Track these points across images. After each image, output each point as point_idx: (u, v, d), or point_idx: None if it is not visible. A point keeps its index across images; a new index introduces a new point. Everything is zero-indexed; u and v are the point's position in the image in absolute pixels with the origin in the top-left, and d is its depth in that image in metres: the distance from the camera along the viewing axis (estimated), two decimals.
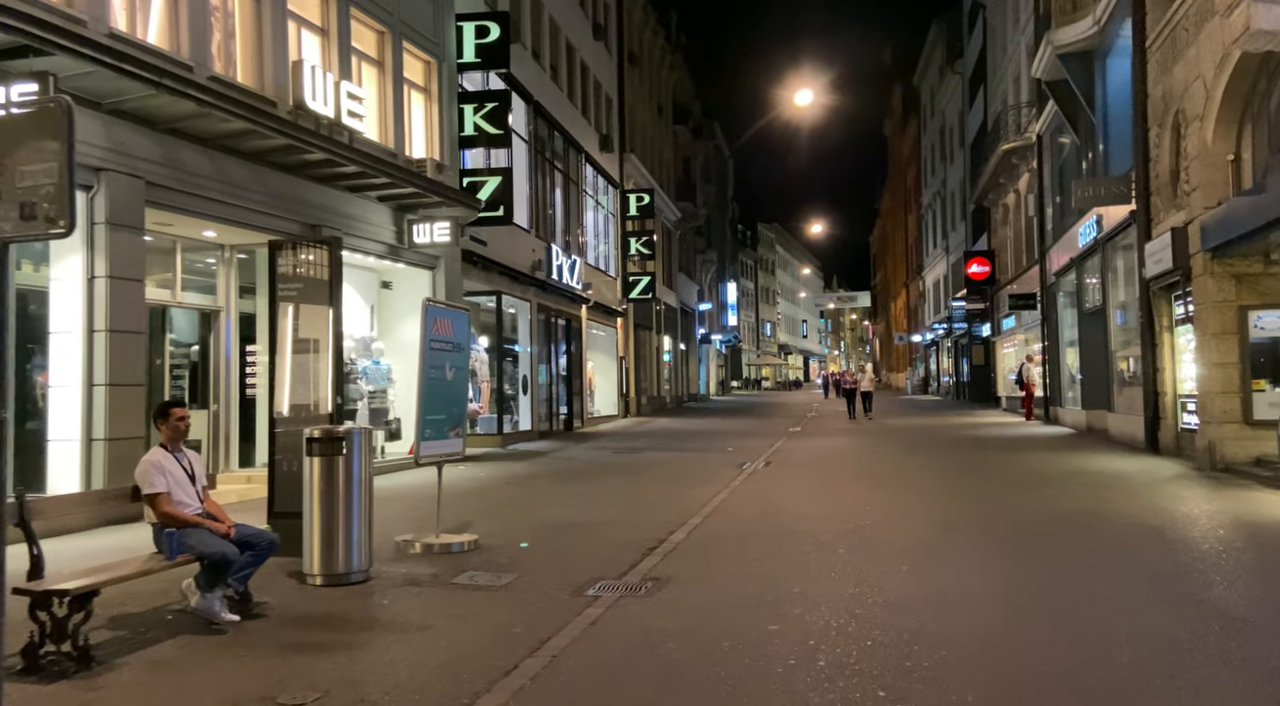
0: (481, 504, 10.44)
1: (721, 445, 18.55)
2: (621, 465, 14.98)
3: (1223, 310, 11.18)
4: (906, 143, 61.00)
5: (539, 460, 15.74)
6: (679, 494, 11.12)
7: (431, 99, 14.90)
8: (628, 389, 30.03)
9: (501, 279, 18.52)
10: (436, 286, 14.91)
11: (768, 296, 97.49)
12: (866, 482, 11.75)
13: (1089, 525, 8.06)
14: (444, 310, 7.98)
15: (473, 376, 19.18)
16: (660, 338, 36.17)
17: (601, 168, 27.48)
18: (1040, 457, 14.35)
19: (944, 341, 47.90)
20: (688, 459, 16.11)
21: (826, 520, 8.77)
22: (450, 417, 7.99)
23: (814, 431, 22.55)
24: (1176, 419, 13.16)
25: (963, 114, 39.65)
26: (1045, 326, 23.43)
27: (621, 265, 29.85)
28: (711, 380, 55.27)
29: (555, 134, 22.81)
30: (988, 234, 33.38)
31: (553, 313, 22.30)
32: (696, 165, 45.98)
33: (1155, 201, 13.33)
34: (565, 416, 23.39)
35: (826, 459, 15.19)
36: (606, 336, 28.81)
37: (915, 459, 15.06)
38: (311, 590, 6.21)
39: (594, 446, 18.67)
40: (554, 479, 13.11)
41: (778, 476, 12.87)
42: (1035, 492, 10.39)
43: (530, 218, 20.55)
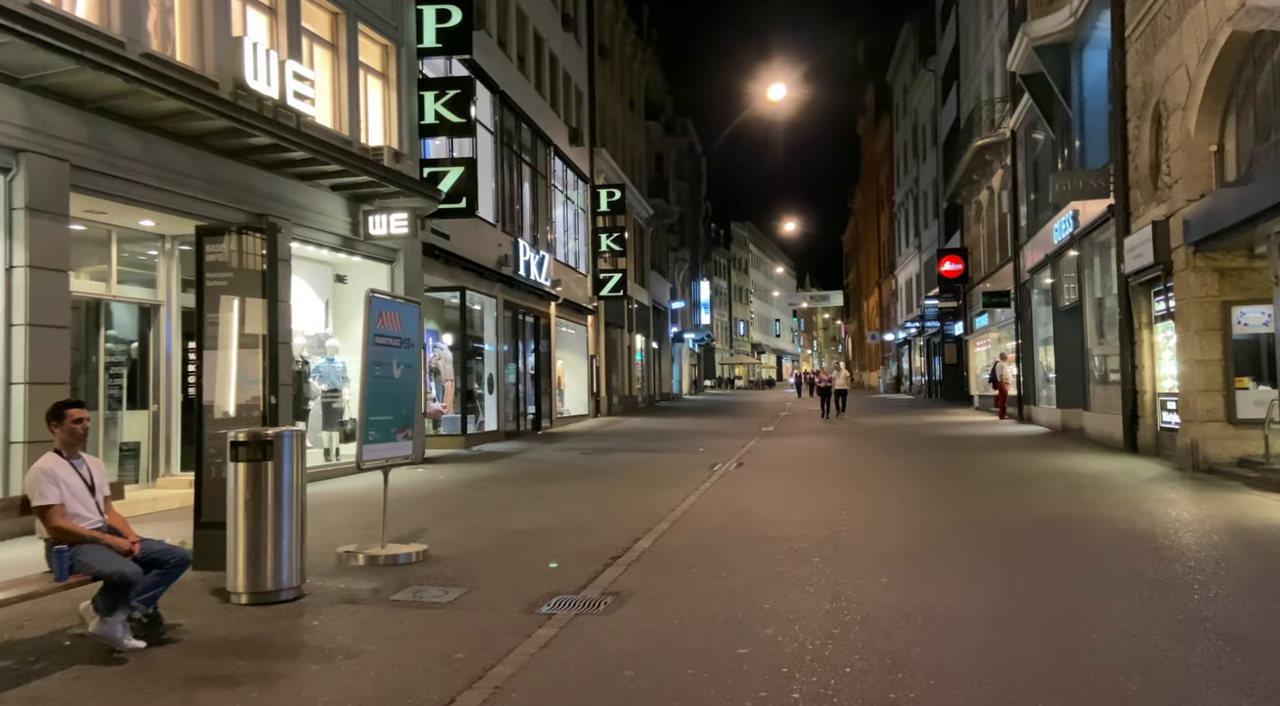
0: (437, 509, 9.87)
1: (693, 445, 18.08)
2: (588, 467, 14.45)
3: (1205, 306, 10.87)
4: (879, 141, 60.97)
5: (503, 462, 15.17)
6: (647, 497, 10.62)
7: (390, 85, 14.27)
8: (598, 388, 29.49)
9: (466, 274, 17.91)
10: (395, 280, 14.29)
11: (741, 295, 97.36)
12: (842, 484, 11.32)
13: (1075, 531, 7.66)
14: (391, 303, 7.41)
15: (436, 375, 18.57)
16: (632, 336, 35.66)
17: (571, 162, 26.91)
18: (1017, 457, 14.01)
19: (916, 340, 47.84)
20: (657, 460, 15.62)
21: (800, 525, 8.31)
22: (398, 419, 7.42)
23: (787, 431, 22.15)
24: (1156, 418, 12.86)
25: (935, 111, 39.52)
26: (1019, 324, 23.20)
27: (592, 262, 29.30)
28: (684, 379, 54.85)
29: (522, 126, 22.22)
30: (960, 232, 33.22)
31: (520, 309, 21.71)
32: (669, 162, 45.52)
33: (1135, 195, 13.02)
34: (533, 416, 22.80)
35: (801, 459, 14.77)
36: (576, 334, 28.26)
37: (891, 459, 14.67)
38: (235, 610, 5.62)
39: (562, 447, 18.12)
40: (517, 481, 12.55)
41: (750, 478, 12.42)
42: (1015, 494, 10.00)
43: (496, 211, 19.96)
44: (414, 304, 7.77)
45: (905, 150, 49.73)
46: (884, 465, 13.69)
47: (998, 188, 26.26)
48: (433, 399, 18.54)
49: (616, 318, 32.63)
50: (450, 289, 17.90)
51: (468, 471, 13.54)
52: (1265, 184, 8.86)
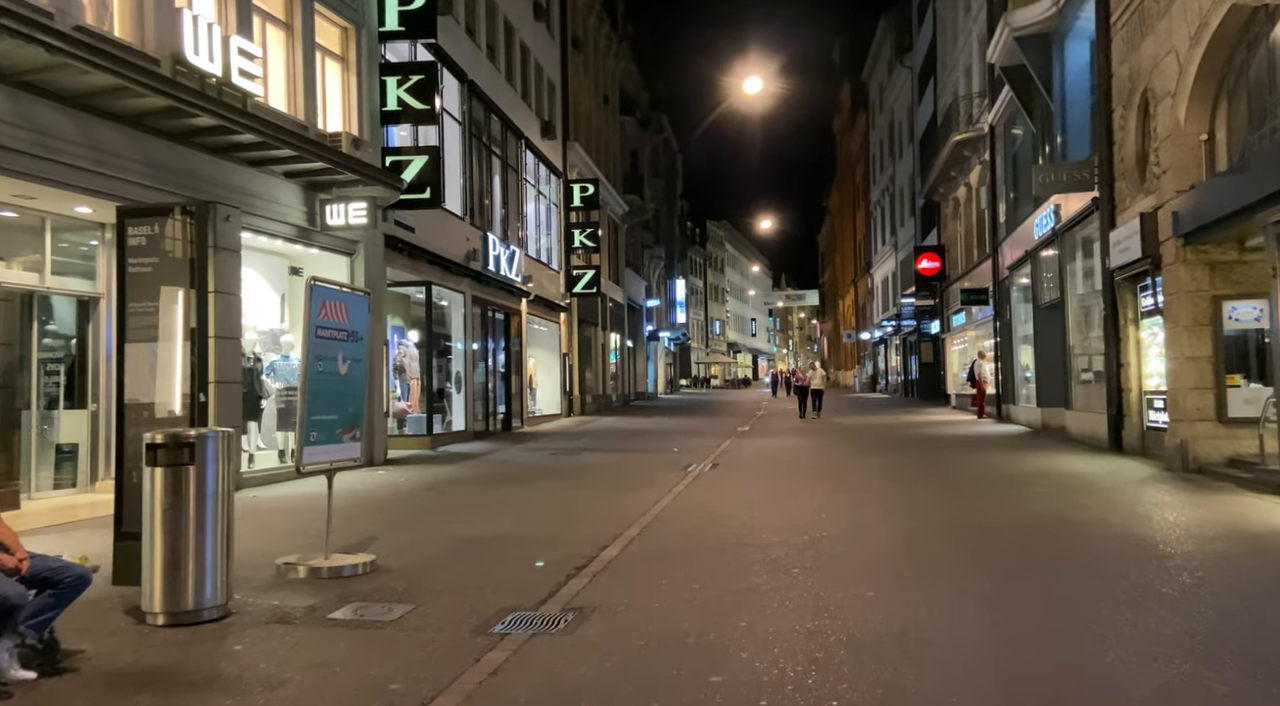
0: (394, 514, 9.28)
1: (667, 445, 17.58)
2: (558, 468, 13.90)
3: (1195, 300, 10.51)
4: (855, 139, 60.82)
5: (469, 463, 14.57)
6: (617, 501, 10.10)
7: (349, 69, 13.63)
8: (571, 387, 28.92)
9: (432, 268, 17.28)
10: (355, 273, 13.65)
11: (717, 294, 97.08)
12: (820, 486, 10.85)
13: (1070, 536, 7.22)
14: (337, 292, 6.82)
15: (401, 373, 17.93)
16: (606, 334, 35.11)
17: (543, 155, 26.32)
18: (1000, 457, 13.62)
19: (892, 339, 47.67)
20: (630, 461, 15.09)
21: (778, 531, 7.81)
22: (344, 418, 6.83)
23: (763, 430, 21.71)
24: (1142, 417, 12.52)
25: (912, 108, 39.32)
26: (998, 322, 22.92)
27: (565, 258, 28.71)
28: (660, 378, 54.37)
29: (492, 117, 21.60)
30: (937, 229, 32.99)
31: (490, 306, 21.10)
32: (644, 158, 45.01)
33: (1120, 187, 12.67)
34: (503, 415, 22.20)
35: (777, 460, 14.30)
36: (549, 332, 27.67)
37: (870, 459, 14.24)
38: (148, 633, 5.02)
39: (532, 447, 17.54)
40: (482, 484, 11.97)
41: (725, 480, 11.92)
42: (1003, 496, 9.57)
43: (464, 204, 19.33)
44: (363, 294, 7.19)
45: (881, 148, 49.57)
46: (863, 466, 13.26)
47: (975, 184, 26.00)
48: (398, 398, 17.91)
49: (590, 315, 32.07)
50: (416, 284, 17.26)
51: (431, 473, 12.95)
52: (1262, 172, 8.49)
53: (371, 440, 13.71)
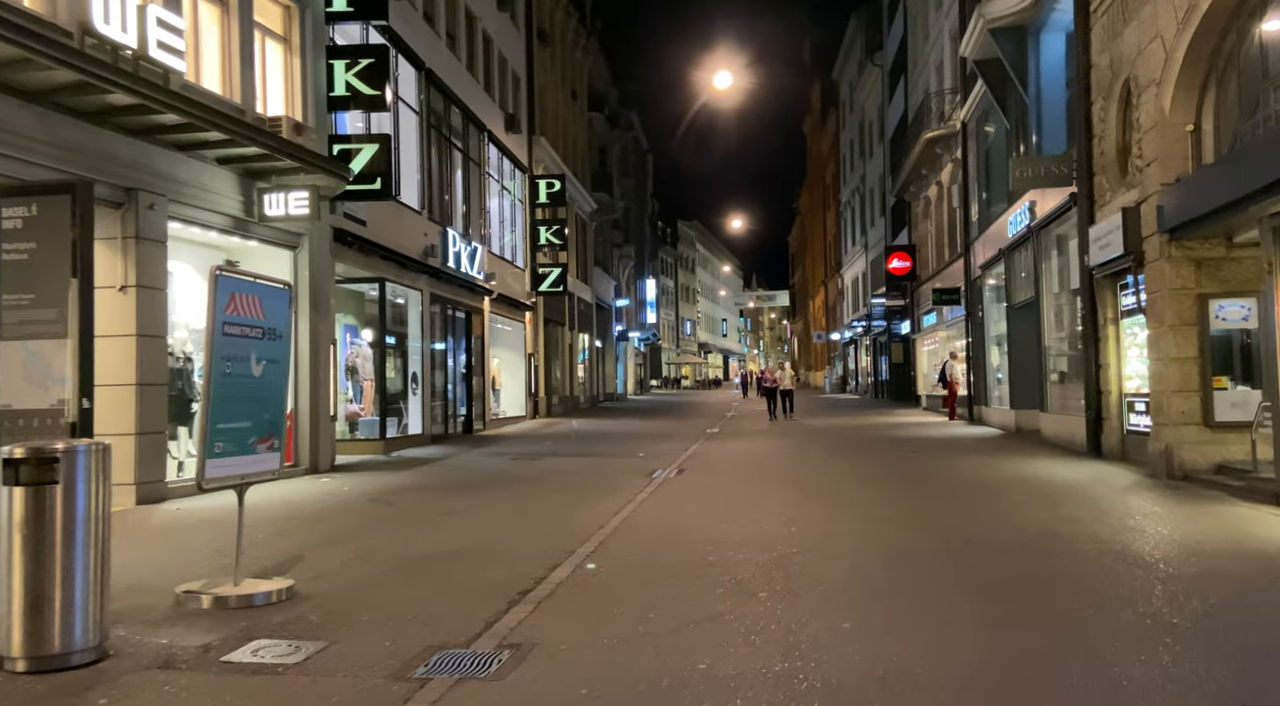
0: (331, 528, 8.52)
1: (633, 449, 16.92)
2: (516, 474, 13.18)
3: (1181, 299, 10.03)
4: (825, 139, 60.61)
5: (423, 469, 13.81)
6: (575, 511, 9.43)
7: (292, 50, 12.81)
8: (536, 388, 28.17)
9: (386, 264, 16.47)
10: (299, 268, 12.84)
11: (688, 294, 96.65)
12: (791, 494, 10.24)
13: (1061, 553, 6.63)
14: (249, 284, 6.06)
15: (353, 374, 17.11)
16: (574, 334, 34.39)
17: (508, 150, 25.55)
18: (976, 461, 13.11)
19: (862, 339, 47.41)
20: (593, 466, 14.41)
21: (745, 546, 7.18)
22: (258, 426, 6.07)
23: (733, 433, 21.12)
24: (1122, 420, 12.06)
25: (882, 108, 39.01)
26: (969, 322, 22.52)
27: (530, 256, 27.95)
28: (629, 379, 53.72)
29: (453, 108, 20.81)
30: (908, 229, 32.66)
31: (450, 304, 20.30)
32: (613, 155, 44.34)
33: (1100, 181, 12.20)
34: (464, 418, 21.41)
35: (746, 464, 13.69)
36: (514, 331, 26.90)
37: (842, 463, 13.68)
38: (4, 682, 4.26)
39: (491, 451, 16.79)
40: (432, 493, 11.22)
41: (691, 487, 11.28)
42: (984, 506, 9.01)
43: (422, 198, 18.54)
44: (282, 287, 6.43)
45: (852, 148, 49.31)
46: (835, 471, 12.68)
47: (947, 182, 25.62)
48: (350, 400, 17.09)
49: (557, 314, 31.34)
50: (368, 280, 16.45)
51: (379, 481, 12.17)
52: (1258, 162, 8.00)
53: (317, 445, 12.92)
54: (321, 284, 13.14)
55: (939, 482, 10.99)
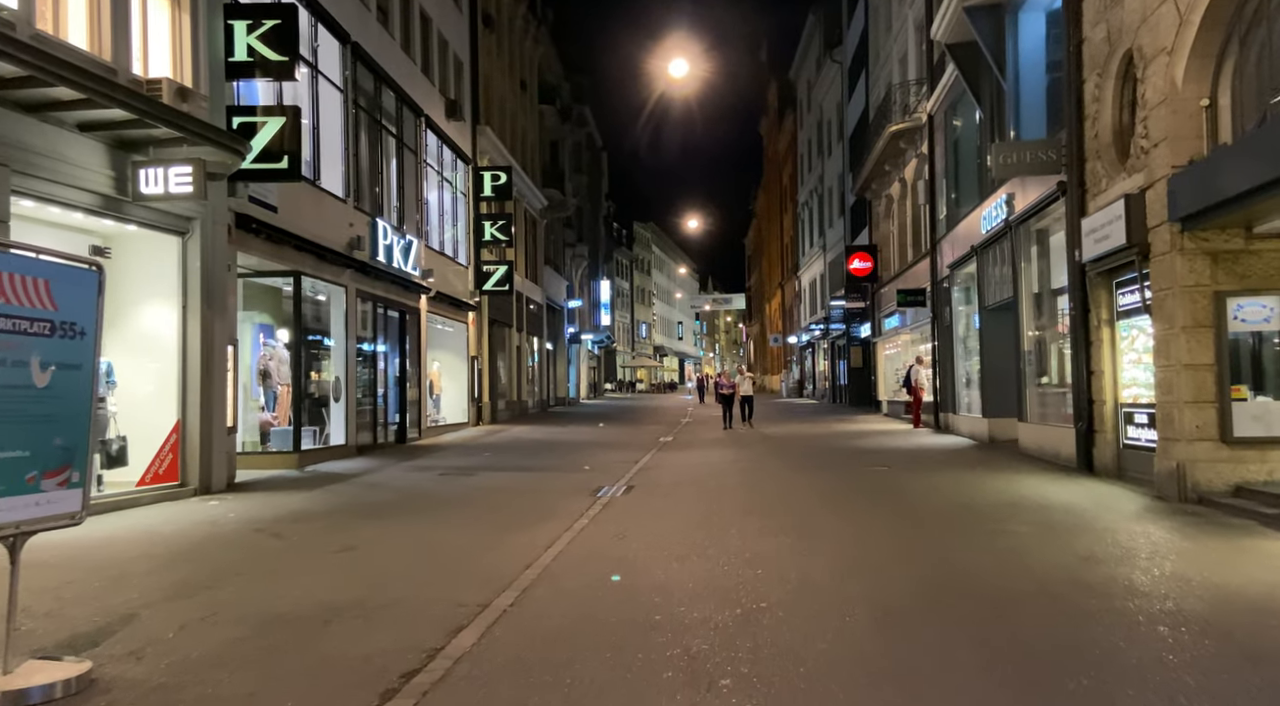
0: (187, 574, 6.89)
1: (579, 461, 15.43)
2: (441, 495, 11.60)
3: (1194, 297, 8.84)
4: (783, 139, 59.71)
5: (334, 488, 12.15)
6: (501, 544, 7.95)
7: (181, 8, 11.09)
8: (480, 393, 26.50)
9: (302, 256, 14.76)
10: (188, 257, 11.12)
11: (643, 297, 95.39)
12: (753, 522, 8.83)
13: (1100, 615, 5.23)
14: (30, 262, 4.46)
15: (266, 379, 15.36)
16: (522, 335, 32.76)
17: (449, 139, 23.88)
18: (955, 478, 11.83)
19: (820, 343, 46.44)
20: (532, 482, 12.88)
21: (701, 600, 5.74)
22: (39, 456, 4.45)
23: (687, 442, 19.71)
24: (1118, 433, 10.87)
25: (841, 105, 38.04)
26: (936, 325, 21.41)
27: (474, 253, 26.29)
28: (582, 382, 52.17)
29: (385, 89, 19.12)
30: (869, 228, 31.63)
31: (381, 302, 18.61)
32: (565, 151, 42.79)
33: (1094, 168, 11.01)
34: (397, 427, 19.71)
35: (701, 481, 12.26)
36: (455, 332, 25.22)
37: (807, 480, 12.32)
38: None
39: (421, 465, 15.16)
40: (333, 520, 9.60)
41: (640, 510, 9.82)
42: (981, 540, 7.66)
43: (347, 184, 16.84)
44: (88, 269, 4.82)
45: (810, 147, 48.38)
46: (800, 490, 11.30)
47: (911, 179, 24.55)
48: (261, 408, 15.34)
49: (504, 315, 29.69)
50: (282, 274, 14.73)
51: (278, 504, 10.50)
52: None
53: (209, 462, 11.21)
54: (216, 275, 11.43)
55: (920, 507, 9.65)
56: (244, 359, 15.46)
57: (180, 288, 11.07)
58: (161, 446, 10.82)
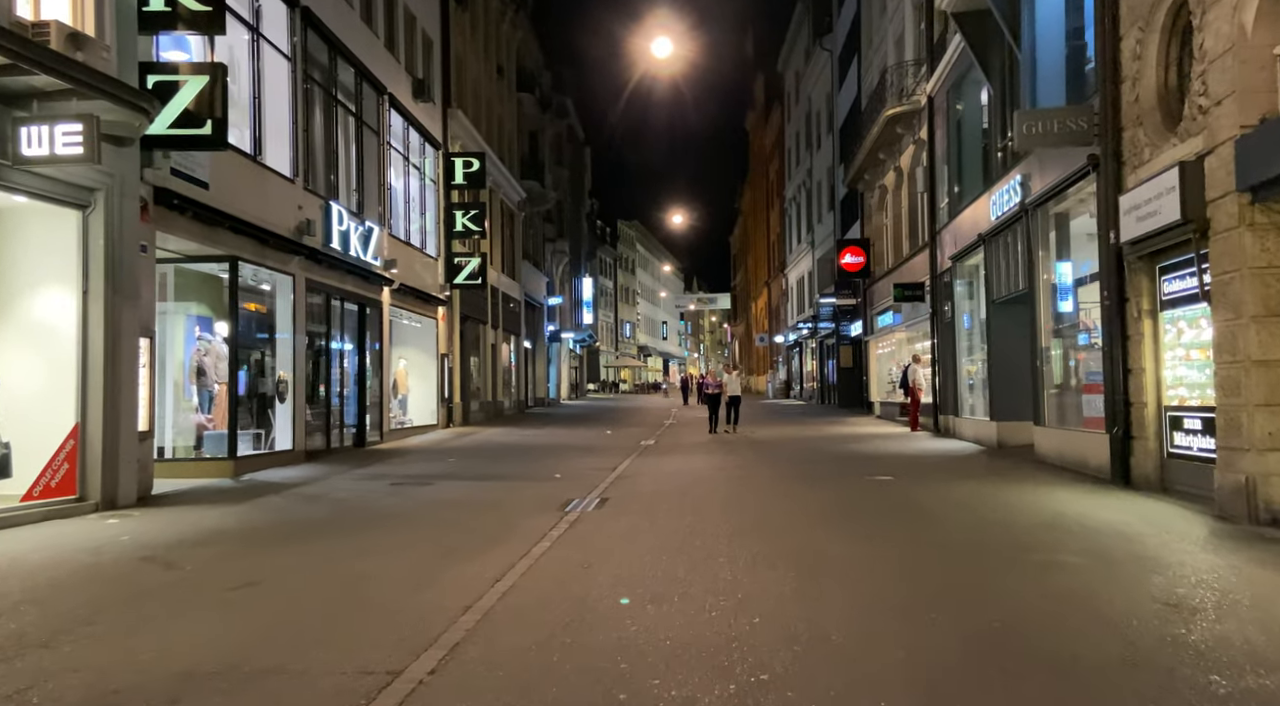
0: (33, 620, 5.41)
1: (551, 468, 13.97)
2: (385, 510, 10.10)
3: (1267, 280, 7.47)
4: (769, 134, 58.40)
5: (265, 501, 10.62)
6: (437, 578, 6.51)
7: None
8: (451, 393, 24.96)
9: (240, 239, 13.22)
10: (89, 234, 9.56)
11: (628, 296, 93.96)
12: (745, 545, 7.40)
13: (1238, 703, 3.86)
14: None
15: (201, 377, 13.81)
16: (498, 333, 31.23)
17: (416, 121, 22.32)
18: (975, 492, 10.43)
19: (808, 342, 45.12)
20: (494, 494, 11.40)
21: (681, 662, 4.32)
22: None
23: (670, 446, 18.26)
24: (1161, 440, 9.51)
25: (831, 95, 36.73)
26: (935, 321, 20.06)
27: (445, 244, 24.74)
28: (563, 383, 50.63)
29: (342, 62, 17.58)
30: (860, 222, 30.29)
31: (336, 294, 17.06)
32: (545, 142, 41.25)
33: (1135, 136, 9.64)
34: (355, 429, 18.17)
35: (684, 494, 10.81)
36: (424, 328, 23.67)
37: (804, 492, 10.90)
38: None
39: (375, 472, 13.65)
40: (248, 543, 8.09)
41: (611, 531, 8.37)
42: (1028, 578, 6.22)
43: (296, 163, 15.29)
44: None
45: (798, 141, 47.06)
46: (797, 505, 9.87)
47: (908, 167, 23.21)
48: (194, 409, 13.79)
49: (477, 311, 28.16)
50: (215, 259, 13.18)
51: (187, 523, 8.96)
52: None
53: (113, 472, 9.67)
54: (126, 256, 9.88)
55: (942, 528, 8.22)
56: (176, 354, 13.94)
57: (80, 270, 9.52)
58: (55, 454, 9.27)
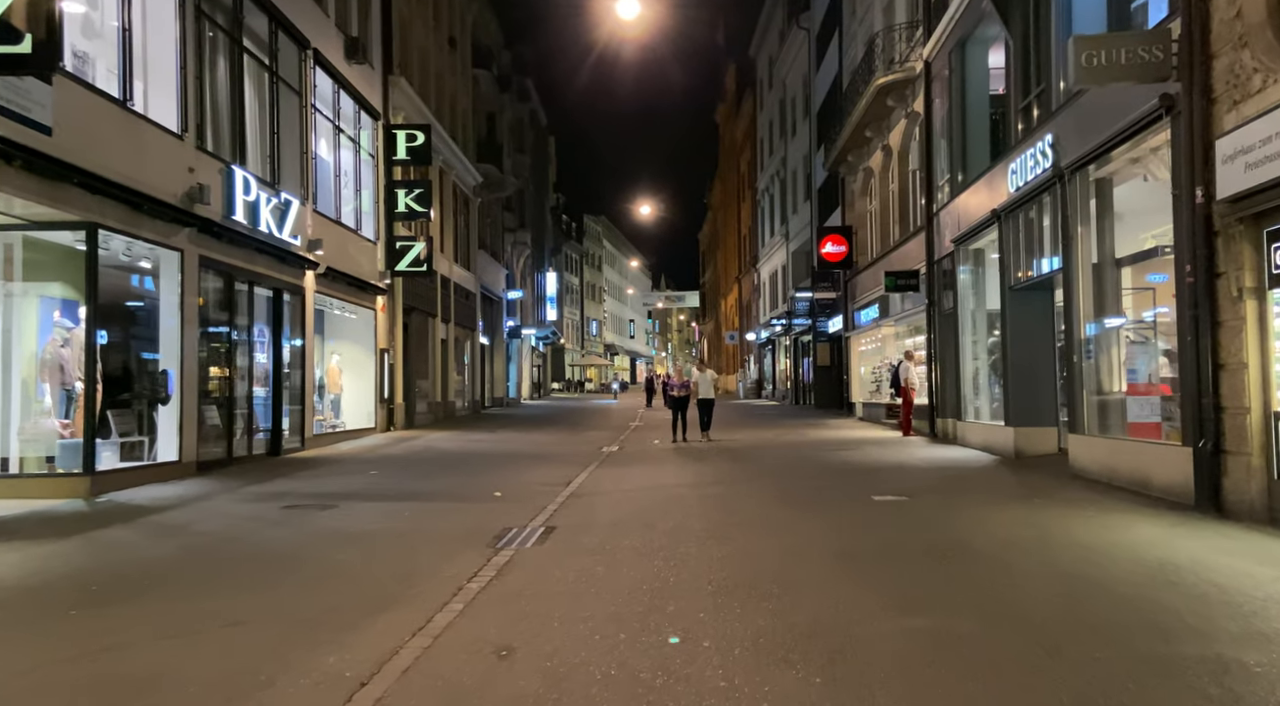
0: None
1: (493, 483, 11.59)
2: (255, 548, 7.64)
3: None
4: (740, 125, 56.28)
5: (98, 536, 8.10)
6: (262, 688, 4.09)
7: None
8: (392, 393, 22.40)
9: (101, 202, 10.64)
10: None
11: (594, 293, 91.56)
12: (738, 615, 5.10)
13: None
14: None
15: (59, 374, 11.24)
16: (449, 327, 28.69)
17: (349, 84, 19.74)
18: (1027, 523, 8.18)
19: (782, 339, 43.03)
20: (410, 521, 8.97)
21: None
22: None
23: (635, 455, 15.91)
24: (1270, 456, 7.34)
25: (808, 78, 34.61)
26: (933, 312, 17.92)
27: (385, 226, 22.17)
28: (524, 381, 48.07)
29: (252, 6, 14.98)
30: (842, 209, 28.16)
31: (244, 276, 14.50)
32: (504, 124, 38.71)
33: (1237, 63, 7.45)
34: (269, 435, 15.61)
35: (651, 523, 8.47)
36: (360, 320, 21.11)
37: (803, 522, 8.60)
38: None
39: (270, 491, 11.14)
40: (7, 614, 5.60)
41: (550, 586, 6.01)
42: (1202, 702, 3.97)
43: (185, 116, 12.71)
44: None
45: (771, 129, 44.97)
46: (802, 543, 7.55)
47: (899, 144, 21.07)
48: (46, 413, 11.20)
49: (425, 303, 25.61)
50: (66, 225, 10.60)
51: None
52: None
53: None
54: None
55: (1016, 589, 5.85)
56: (28, 345, 11.35)
57: None
58: None
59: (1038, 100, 12.31)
